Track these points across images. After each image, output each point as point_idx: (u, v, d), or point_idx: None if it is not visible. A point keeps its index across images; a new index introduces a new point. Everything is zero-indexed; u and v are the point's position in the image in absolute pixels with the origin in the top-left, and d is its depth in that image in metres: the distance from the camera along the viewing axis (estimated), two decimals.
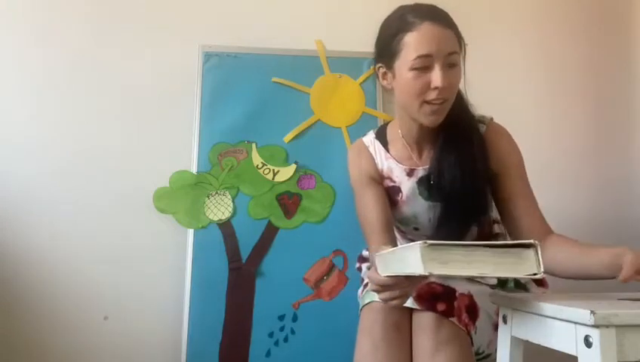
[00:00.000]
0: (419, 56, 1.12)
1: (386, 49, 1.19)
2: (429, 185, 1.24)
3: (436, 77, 1.12)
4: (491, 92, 1.87)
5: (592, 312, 0.79)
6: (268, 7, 1.90)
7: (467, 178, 1.18)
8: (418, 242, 0.82)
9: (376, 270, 0.98)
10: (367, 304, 1.16)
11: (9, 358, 1.67)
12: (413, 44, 1.13)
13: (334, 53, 1.87)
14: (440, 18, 1.14)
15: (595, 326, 0.79)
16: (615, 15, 2.02)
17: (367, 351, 1.09)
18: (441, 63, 1.12)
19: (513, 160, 1.24)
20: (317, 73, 1.86)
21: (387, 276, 0.95)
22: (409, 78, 1.15)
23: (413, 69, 1.13)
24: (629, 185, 1.94)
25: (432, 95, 1.14)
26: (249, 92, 1.81)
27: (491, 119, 1.28)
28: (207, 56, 1.82)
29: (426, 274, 0.82)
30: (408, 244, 0.87)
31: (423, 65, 1.13)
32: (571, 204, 1.92)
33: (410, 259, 0.86)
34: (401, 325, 1.10)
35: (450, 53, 1.13)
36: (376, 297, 1.13)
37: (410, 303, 1.09)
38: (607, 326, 0.79)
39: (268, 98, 1.82)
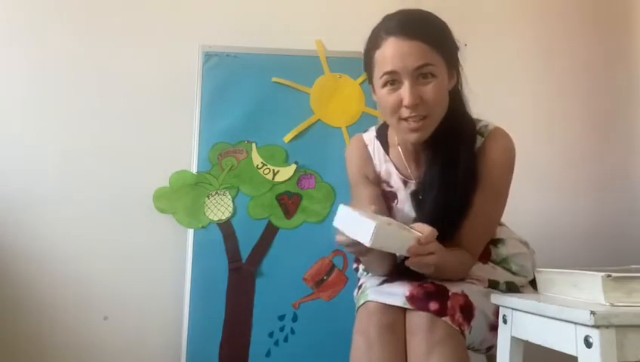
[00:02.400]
0: (385, 73, 1.12)
1: (366, 65, 1.20)
2: (417, 200, 1.22)
3: (404, 94, 1.10)
4: (490, 93, 1.87)
5: (592, 312, 0.79)
6: (268, 7, 1.90)
7: (451, 197, 1.14)
8: (600, 273, 0.84)
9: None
10: (362, 305, 1.15)
11: (9, 358, 1.67)
12: (380, 61, 1.13)
13: (334, 53, 1.87)
14: (407, 31, 1.10)
15: (595, 326, 0.79)
16: (615, 15, 2.02)
17: (362, 352, 1.08)
18: (410, 79, 1.10)
19: (493, 171, 1.18)
20: (317, 73, 1.86)
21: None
22: (383, 95, 1.14)
23: (384, 86, 1.13)
24: (629, 186, 1.94)
25: (405, 113, 1.12)
26: (249, 92, 1.81)
27: (495, 128, 1.21)
28: (207, 56, 1.82)
29: (607, 304, 0.84)
30: (586, 272, 0.88)
31: (392, 82, 1.11)
32: (571, 205, 1.92)
33: (586, 286, 0.88)
34: (395, 326, 1.09)
35: (420, 67, 1.09)
36: (370, 297, 1.12)
37: (402, 303, 1.08)
38: (607, 327, 0.79)
39: (268, 98, 1.82)
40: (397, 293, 1.10)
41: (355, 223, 0.99)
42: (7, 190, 1.73)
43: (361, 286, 1.27)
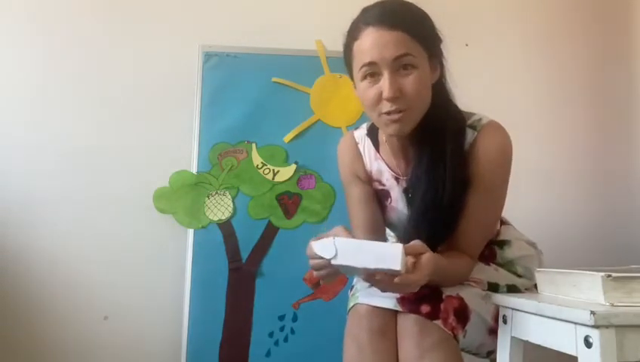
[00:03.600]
0: (363, 65, 1.07)
1: (345, 59, 1.16)
2: (408, 198, 1.20)
3: (384, 86, 1.05)
4: (491, 92, 1.87)
5: (592, 312, 0.79)
6: (268, 7, 1.90)
7: (440, 194, 1.10)
8: (600, 273, 0.84)
9: None
10: (352, 307, 1.14)
11: (9, 358, 1.67)
12: (358, 52, 1.09)
13: (334, 53, 1.86)
14: (385, 20, 1.05)
15: (595, 326, 0.79)
16: (615, 15, 2.02)
17: (354, 357, 1.07)
18: (390, 70, 1.05)
19: (487, 168, 1.11)
20: (317, 73, 1.86)
21: None
22: (362, 89, 1.10)
23: (363, 79, 1.09)
24: (629, 186, 1.94)
25: (385, 106, 1.07)
26: (249, 92, 1.81)
27: (489, 123, 1.15)
28: (207, 56, 1.82)
29: (607, 304, 0.84)
30: (586, 272, 0.89)
31: (371, 74, 1.07)
32: (571, 205, 1.92)
33: (586, 286, 0.89)
34: (386, 329, 1.07)
35: (399, 57, 1.04)
36: (360, 300, 1.11)
37: (393, 305, 1.06)
38: (607, 327, 0.79)
39: (268, 98, 1.82)
40: (388, 295, 1.07)
41: (371, 251, 0.94)
42: (8, 190, 1.73)
43: (353, 286, 1.25)
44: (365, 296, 1.11)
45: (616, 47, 2.00)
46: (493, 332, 1.10)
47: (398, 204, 1.24)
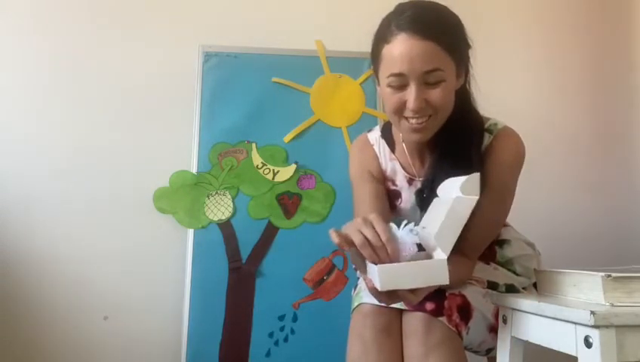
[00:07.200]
0: (391, 75, 1.06)
1: (372, 55, 1.14)
2: (422, 199, 1.19)
3: (410, 97, 1.06)
4: (491, 91, 1.87)
5: (592, 312, 0.79)
6: (268, 7, 1.90)
7: None
8: (600, 273, 0.84)
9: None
10: (356, 307, 1.13)
11: (9, 358, 1.67)
12: (387, 59, 1.07)
13: (334, 53, 1.87)
14: (419, 28, 1.03)
15: (595, 326, 0.79)
16: (617, 14, 2.02)
17: (358, 356, 1.07)
18: (417, 82, 1.05)
19: (502, 171, 1.14)
20: (317, 73, 1.86)
21: None
22: (386, 93, 1.10)
23: (388, 86, 1.08)
24: (629, 186, 1.94)
25: (409, 113, 1.08)
26: (249, 92, 1.81)
27: (504, 127, 1.19)
28: (207, 56, 1.82)
29: (607, 304, 0.84)
30: (586, 272, 0.89)
31: (398, 84, 1.07)
32: (571, 205, 1.92)
33: (586, 286, 0.89)
34: (391, 328, 1.07)
35: (429, 71, 1.04)
36: (364, 299, 1.11)
37: (398, 304, 1.05)
38: (607, 327, 0.79)
39: (268, 98, 1.82)
40: None
41: (417, 271, 0.91)
42: (8, 190, 1.73)
43: (357, 286, 1.25)
44: (370, 295, 1.10)
45: (618, 46, 2.00)
46: (493, 330, 1.10)
47: (407, 204, 1.25)
